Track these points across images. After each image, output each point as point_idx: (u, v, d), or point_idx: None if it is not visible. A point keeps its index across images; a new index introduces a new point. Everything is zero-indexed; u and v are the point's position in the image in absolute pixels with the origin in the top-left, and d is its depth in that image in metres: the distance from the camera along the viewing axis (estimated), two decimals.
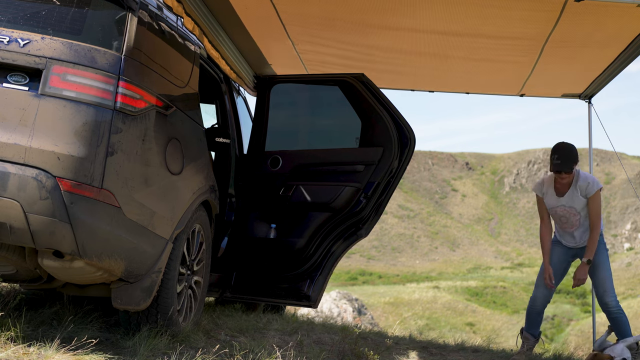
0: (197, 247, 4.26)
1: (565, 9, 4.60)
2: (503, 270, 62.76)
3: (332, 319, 8.33)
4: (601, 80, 6.21)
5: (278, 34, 5.49)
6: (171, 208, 3.76)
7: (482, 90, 6.94)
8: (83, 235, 3.21)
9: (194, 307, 4.27)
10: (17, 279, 3.73)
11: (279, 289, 5.25)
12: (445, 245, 69.98)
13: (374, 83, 5.30)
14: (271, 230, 5.24)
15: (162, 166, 3.68)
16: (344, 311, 29.14)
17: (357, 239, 5.21)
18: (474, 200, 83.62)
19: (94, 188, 3.24)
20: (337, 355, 4.42)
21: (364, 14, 5.05)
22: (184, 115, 3.99)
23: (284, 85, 5.75)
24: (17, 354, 3.07)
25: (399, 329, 7.25)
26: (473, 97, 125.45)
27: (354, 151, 5.22)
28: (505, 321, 41.56)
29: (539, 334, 5.59)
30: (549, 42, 5.29)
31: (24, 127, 3.19)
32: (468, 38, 5.36)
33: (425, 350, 5.48)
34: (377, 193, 5.13)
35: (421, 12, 4.95)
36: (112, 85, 3.34)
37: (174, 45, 3.97)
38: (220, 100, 5.42)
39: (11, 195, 3.12)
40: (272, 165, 5.30)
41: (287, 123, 5.88)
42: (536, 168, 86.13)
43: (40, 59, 3.27)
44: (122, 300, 3.62)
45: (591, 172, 7.11)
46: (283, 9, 5.03)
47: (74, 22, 3.42)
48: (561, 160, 5.11)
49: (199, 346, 3.81)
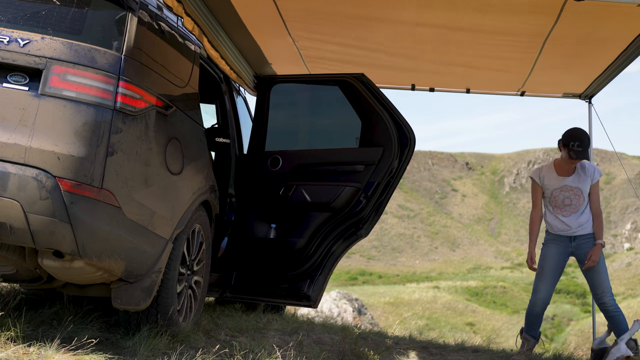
0: (197, 247, 4.26)
1: (565, 8, 4.60)
2: (503, 270, 62.76)
3: (332, 319, 8.33)
4: (601, 80, 6.21)
5: (279, 32, 5.49)
6: (171, 208, 3.76)
7: (482, 87, 6.93)
8: (83, 235, 3.21)
9: (194, 307, 4.27)
10: (17, 279, 3.73)
11: (279, 289, 5.26)
12: (445, 245, 69.97)
13: (374, 83, 5.30)
14: (271, 230, 5.24)
15: (162, 166, 3.68)
16: (344, 311, 29.15)
17: (357, 239, 5.21)
18: (474, 200, 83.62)
19: (94, 188, 3.24)
20: (337, 355, 4.42)
21: (365, 8, 5.05)
22: (184, 115, 3.99)
23: (284, 85, 5.75)
24: (17, 354, 3.07)
25: (399, 329, 7.25)
26: (473, 97, 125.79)
27: (354, 151, 5.22)
28: (505, 321, 41.55)
29: (539, 335, 5.59)
30: (548, 41, 5.30)
31: (24, 127, 3.19)
32: (468, 34, 5.36)
33: (425, 350, 5.49)
34: (377, 193, 5.13)
35: (422, 7, 4.95)
36: (112, 85, 3.34)
37: (174, 45, 3.97)
38: (220, 100, 5.42)
39: (11, 195, 3.12)
40: (272, 165, 5.30)
41: (287, 123, 5.88)
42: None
43: (40, 59, 3.27)
44: (122, 300, 3.62)
45: None
46: (284, 6, 5.02)
47: (74, 22, 3.42)
48: (582, 147, 5.09)
49: (199, 346, 3.81)
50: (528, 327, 5.52)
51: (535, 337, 5.54)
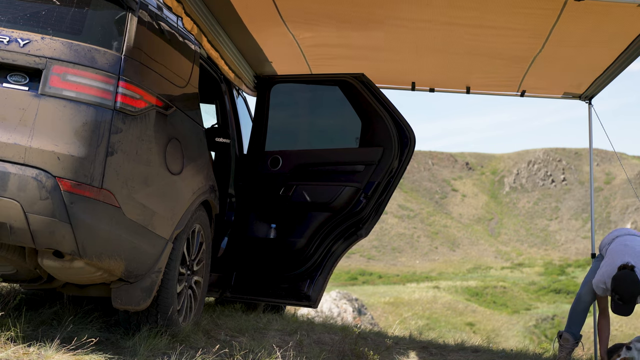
0: (197, 247, 4.26)
1: (565, 8, 4.60)
2: (503, 270, 62.77)
3: (332, 319, 8.32)
4: (601, 80, 6.21)
5: (279, 30, 5.48)
6: (171, 208, 3.76)
7: (482, 87, 6.92)
8: (83, 235, 3.21)
9: (194, 307, 4.26)
10: (17, 279, 3.73)
11: (279, 289, 5.26)
12: (445, 245, 69.97)
13: (374, 83, 5.30)
14: (271, 230, 5.24)
15: (162, 166, 3.67)
16: (344, 311, 29.13)
17: (357, 239, 5.21)
18: (474, 200, 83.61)
19: (94, 188, 3.24)
20: (337, 355, 4.42)
21: (365, 8, 5.04)
22: (184, 115, 3.99)
23: (284, 85, 5.75)
24: (17, 354, 3.07)
25: (399, 329, 7.25)
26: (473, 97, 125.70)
27: (354, 151, 5.22)
28: (505, 321, 41.55)
29: (580, 337, 5.41)
30: (549, 41, 5.29)
31: (24, 127, 3.19)
32: (469, 34, 5.36)
33: (425, 350, 5.49)
34: (377, 193, 5.13)
35: (422, 7, 4.94)
36: (112, 85, 3.34)
37: (174, 45, 3.97)
38: (220, 100, 5.42)
39: (11, 195, 3.12)
40: (272, 165, 5.30)
41: (287, 123, 5.88)
42: (536, 168, 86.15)
43: (40, 59, 3.27)
44: (122, 300, 3.62)
45: (591, 172, 7.12)
46: (284, 5, 5.02)
47: (74, 22, 3.42)
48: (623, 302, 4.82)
49: (199, 346, 3.81)
50: (570, 323, 5.41)
51: (576, 338, 5.39)
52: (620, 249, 5.10)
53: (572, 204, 79.43)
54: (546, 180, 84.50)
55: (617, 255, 5.06)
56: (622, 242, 5.20)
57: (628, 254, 5.00)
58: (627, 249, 5.08)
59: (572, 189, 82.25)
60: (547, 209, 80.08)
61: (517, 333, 37.39)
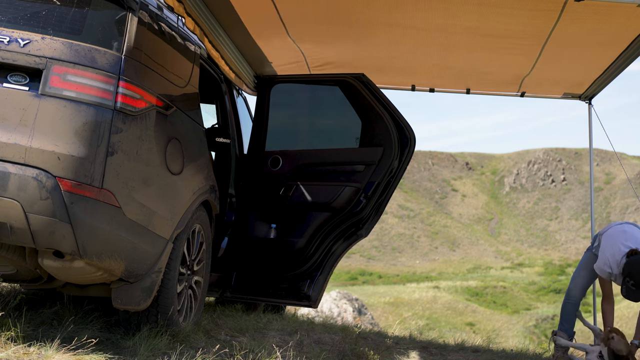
0: (197, 247, 4.26)
1: (566, 8, 4.60)
2: (503, 270, 62.77)
3: (332, 319, 8.33)
4: (601, 80, 6.21)
5: (279, 32, 5.48)
6: (171, 208, 3.76)
7: (482, 88, 6.92)
8: (83, 235, 3.21)
9: (194, 307, 4.27)
10: (17, 279, 3.73)
11: (279, 289, 5.25)
12: (445, 245, 69.97)
13: (374, 83, 5.30)
14: (271, 230, 5.24)
15: (162, 166, 3.68)
16: (344, 311, 29.12)
17: (357, 239, 5.21)
18: (474, 200, 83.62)
19: (94, 188, 3.24)
20: (337, 355, 4.42)
21: (366, 11, 5.05)
22: (184, 115, 3.99)
23: (284, 85, 5.75)
24: (17, 354, 3.07)
25: (399, 329, 7.25)
26: (473, 97, 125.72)
27: (354, 151, 5.22)
28: (505, 321, 41.56)
29: (574, 333, 5.41)
30: (549, 42, 5.29)
31: (24, 127, 3.19)
32: (469, 34, 5.35)
33: (425, 350, 5.49)
34: (377, 193, 5.13)
35: (422, 9, 4.94)
36: (112, 85, 3.34)
37: (174, 45, 3.97)
38: (220, 100, 5.42)
39: (11, 195, 3.12)
40: (272, 165, 5.30)
41: (287, 123, 5.88)
42: (536, 168, 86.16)
43: (40, 59, 3.27)
44: (122, 300, 3.62)
45: (591, 172, 7.12)
46: (284, 7, 5.02)
47: (74, 22, 3.43)
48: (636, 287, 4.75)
49: (199, 346, 3.81)
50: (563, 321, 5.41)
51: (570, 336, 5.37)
52: (620, 235, 5.05)
53: (572, 204, 79.46)
54: (546, 180, 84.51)
55: (618, 239, 5.00)
56: (620, 228, 5.16)
57: (629, 240, 4.96)
58: (627, 235, 5.02)
59: (572, 189, 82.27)
60: (547, 209, 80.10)
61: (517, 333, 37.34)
